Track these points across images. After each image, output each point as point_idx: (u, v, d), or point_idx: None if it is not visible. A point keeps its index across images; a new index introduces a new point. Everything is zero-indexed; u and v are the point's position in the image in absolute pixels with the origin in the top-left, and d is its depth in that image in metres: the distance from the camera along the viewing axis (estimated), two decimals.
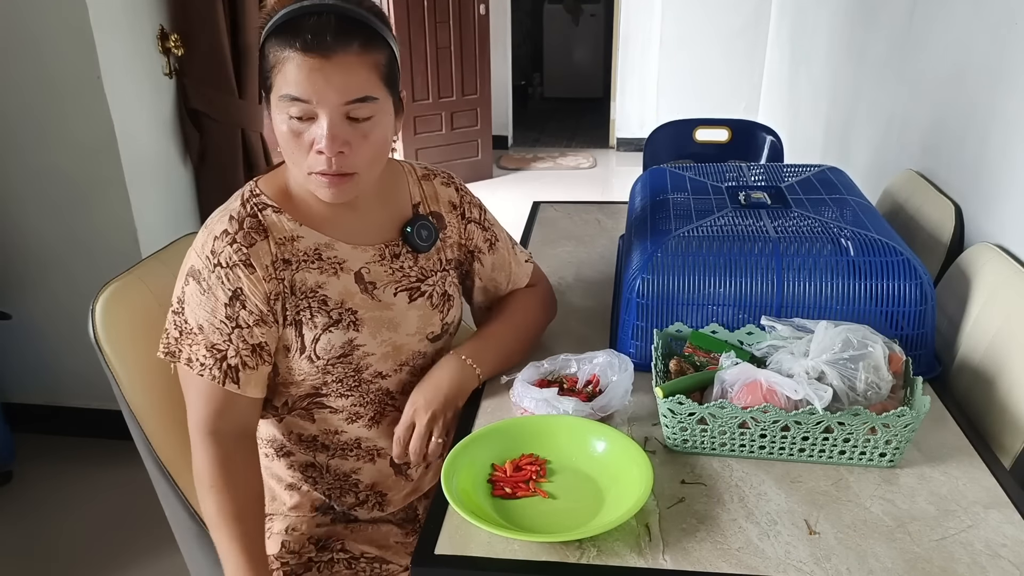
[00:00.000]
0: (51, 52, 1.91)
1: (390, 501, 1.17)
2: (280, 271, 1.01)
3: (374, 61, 0.93)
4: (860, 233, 1.15)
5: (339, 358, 1.05)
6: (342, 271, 1.05)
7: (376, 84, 0.94)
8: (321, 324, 1.03)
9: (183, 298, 1.00)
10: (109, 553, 1.90)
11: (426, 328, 1.12)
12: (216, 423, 1.00)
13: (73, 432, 2.32)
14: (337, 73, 0.91)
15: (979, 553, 0.83)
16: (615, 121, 5.77)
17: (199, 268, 0.98)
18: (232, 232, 0.99)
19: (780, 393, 0.95)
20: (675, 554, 0.84)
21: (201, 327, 0.98)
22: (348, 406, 1.10)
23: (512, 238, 1.27)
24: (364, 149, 0.96)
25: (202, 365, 0.98)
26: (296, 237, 1.02)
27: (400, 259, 1.10)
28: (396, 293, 1.09)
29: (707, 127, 2.57)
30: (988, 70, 1.46)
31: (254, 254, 0.99)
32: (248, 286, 0.98)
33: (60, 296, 2.17)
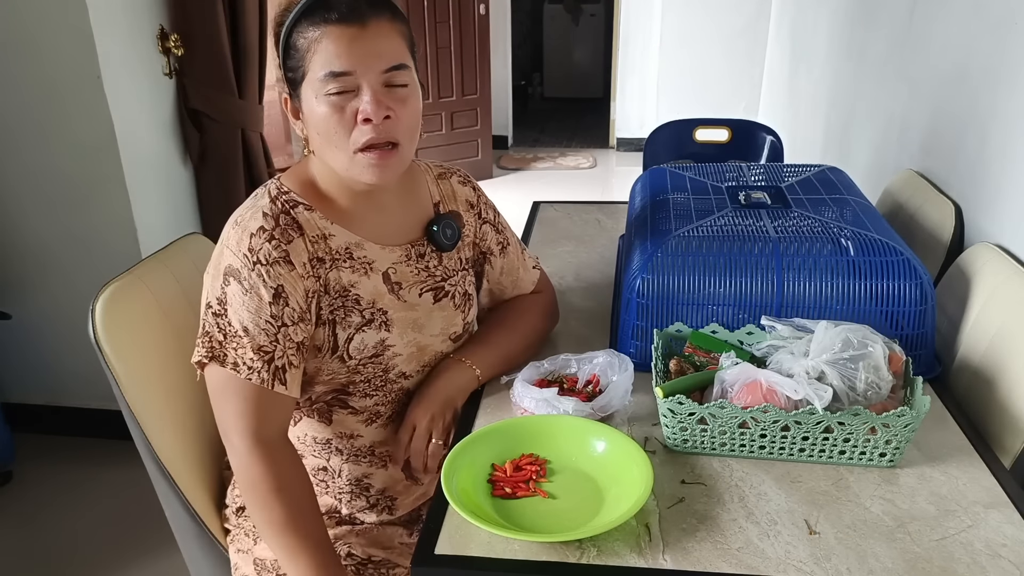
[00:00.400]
0: (51, 52, 1.91)
1: (399, 505, 1.17)
2: (316, 269, 1.00)
3: (402, 30, 0.97)
4: (860, 233, 1.15)
5: (371, 358, 1.05)
6: (371, 271, 1.05)
7: (407, 53, 0.97)
8: (355, 324, 1.03)
9: (224, 299, 0.96)
10: (109, 553, 1.90)
11: (449, 328, 1.13)
12: (264, 428, 0.98)
13: (73, 432, 2.32)
14: (375, 40, 0.93)
15: (979, 553, 0.83)
16: (615, 121, 5.77)
17: (238, 267, 0.96)
18: (269, 228, 0.97)
19: (780, 393, 0.95)
20: (675, 554, 0.84)
21: (246, 329, 0.95)
22: (370, 406, 1.09)
23: (521, 242, 1.28)
24: (404, 116, 0.97)
25: (250, 369, 0.95)
26: (328, 235, 1.02)
27: (425, 259, 1.10)
28: (422, 294, 1.09)
29: (707, 127, 2.57)
30: (988, 70, 1.46)
31: (293, 251, 0.98)
32: (289, 283, 0.97)
33: (60, 296, 2.17)
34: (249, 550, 1.14)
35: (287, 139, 3.45)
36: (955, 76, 1.63)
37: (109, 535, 1.96)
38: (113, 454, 2.06)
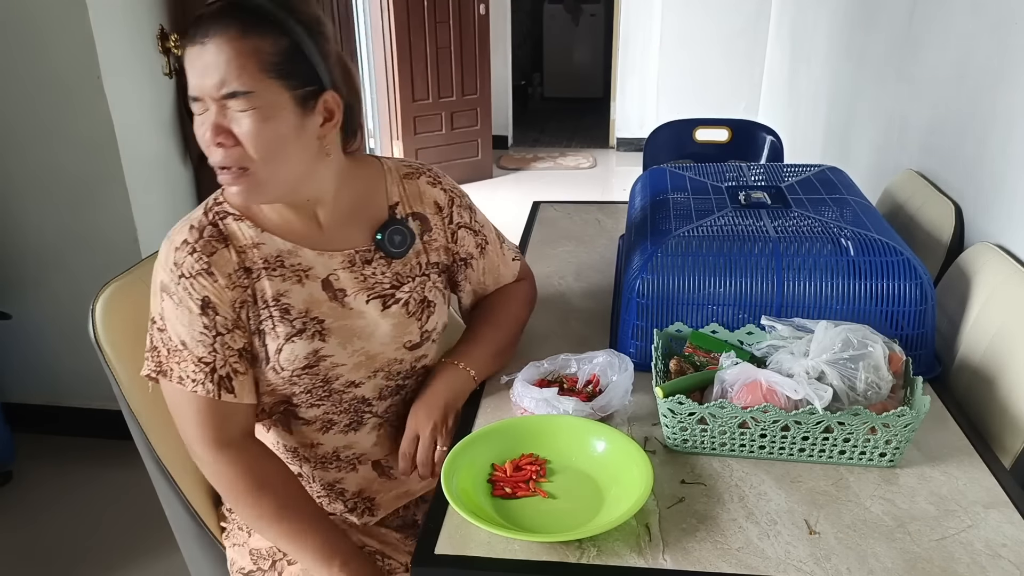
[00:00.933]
0: (51, 52, 1.91)
1: (379, 505, 1.16)
2: (242, 279, 0.98)
3: (254, 47, 0.88)
4: (860, 233, 1.15)
5: (304, 369, 1.02)
6: (307, 278, 1.02)
7: (254, 74, 0.88)
8: (283, 334, 1.00)
9: (163, 314, 0.97)
10: (109, 553, 1.90)
11: (402, 337, 1.08)
12: (223, 434, 0.99)
13: (73, 432, 2.32)
14: (209, 59, 0.87)
15: (979, 553, 0.83)
16: (615, 121, 5.77)
17: (167, 282, 0.96)
18: (192, 241, 0.97)
19: (780, 393, 0.95)
20: (675, 554, 0.84)
21: (184, 342, 0.96)
22: (320, 415, 1.08)
23: (500, 234, 1.24)
24: (250, 143, 0.90)
25: (194, 381, 0.96)
26: (257, 244, 1.00)
27: (372, 265, 1.06)
28: (368, 300, 1.05)
29: (707, 127, 2.57)
30: (988, 70, 1.46)
31: (215, 262, 0.97)
32: (214, 294, 0.96)
33: (60, 296, 2.17)
34: (244, 543, 1.14)
35: None
36: (955, 76, 1.63)
37: (109, 535, 1.96)
38: (113, 454, 2.06)
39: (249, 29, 0.88)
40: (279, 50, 0.89)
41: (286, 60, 0.90)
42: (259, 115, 0.89)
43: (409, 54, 4.51)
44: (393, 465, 1.15)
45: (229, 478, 1.00)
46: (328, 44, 0.95)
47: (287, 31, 0.90)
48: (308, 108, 0.94)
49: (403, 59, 4.48)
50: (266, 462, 1.03)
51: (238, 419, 1.01)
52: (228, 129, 0.90)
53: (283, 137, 0.92)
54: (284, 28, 0.90)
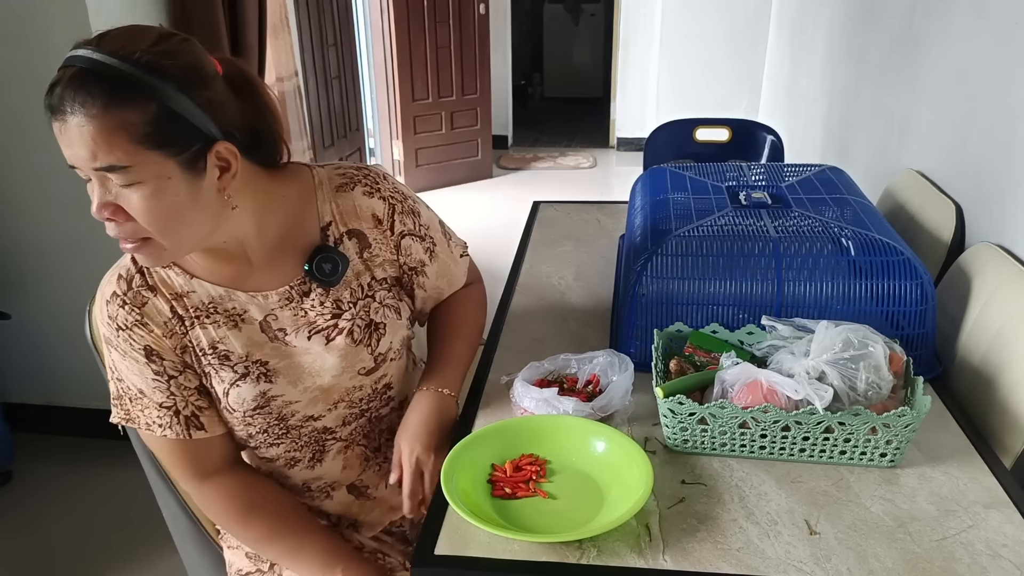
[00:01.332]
0: (51, 52, 1.91)
1: (364, 523, 1.15)
2: (177, 327, 0.95)
3: (119, 121, 0.77)
4: (861, 233, 1.15)
5: (256, 410, 0.99)
6: (244, 322, 0.97)
7: (125, 149, 0.78)
8: (228, 379, 0.97)
9: (114, 365, 0.96)
10: (108, 553, 1.90)
11: (354, 366, 1.03)
12: (205, 467, 0.99)
13: (73, 432, 2.31)
14: (73, 135, 0.78)
15: (980, 553, 0.82)
16: (615, 121, 5.77)
17: (108, 335, 0.95)
18: (121, 293, 0.93)
19: (781, 393, 0.94)
20: (675, 554, 0.83)
21: (141, 391, 0.95)
22: (282, 453, 1.06)
23: (446, 231, 1.14)
24: (143, 219, 0.82)
25: (160, 426, 0.96)
26: (187, 292, 0.95)
27: (310, 296, 0.99)
28: (310, 337, 0.99)
29: (707, 127, 2.57)
30: (988, 70, 1.46)
31: (147, 313, 0.93)
32: (154, 342, 0.94)
33: (60, 296, 2.17)
34: (239, 545, 1.14)
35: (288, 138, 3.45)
36: (955, 76, 1.62)
37: (108, 535, 1.96)
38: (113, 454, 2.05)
39: (111, 101, 0.77)
40: (149, 119, 0.79)
41: (160, 128, 0.79)
42: (145, 190, 0.81)
43: (409, 54, 4.51)
44: (370, 485, 1.13)
45: (218, 507, 1.00)
46: (207, 91, 0.84)
47: (154, 95, 0.79)
48: (198, 168, 0.84)
49: (403, 59, 4.48)
50: (254, 486, 1.03)
51: (215, 450, 1.01)
52: (116, 205, 0.82)
53: (177, 207, 0.83)
54: (150, 93, 0.79)
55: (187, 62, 0.83)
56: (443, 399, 1.07)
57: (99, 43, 0.81)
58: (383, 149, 4.79)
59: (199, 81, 0.83)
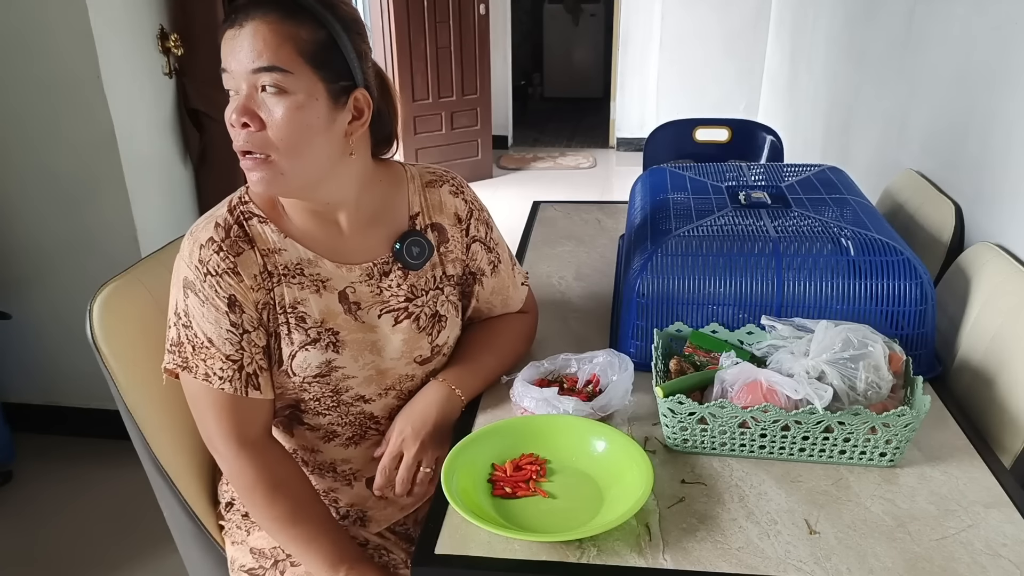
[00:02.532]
0: (51, 52, 1.91)
1: (372, 519, 1.15)
2: (266, 282, 0.98)
3: (292, 33, 0.88)
4: (860, 233, 1.15)
5: (316, 377, 1.02)
6: (325, 289, 1.01)
7: (290, 56, 0.88)
8: (298, 341, 1.00)
9: (188, 311, 0.97)
10: (109, 553, 1.90)
11: (412, 352, 1.07)
12: (247, 431, 0.99)
13: (73, 432, 2.32)
14: (247, 39, 0.88)
15: (979, 553, 0.82)
16: (615, 121, 5.77)
17: (192, 279, 0.96)
18: (219, 240, 0.96)
19: (780, 393, 0.95)
20: (675, 554, 0.83)
21: (211, 340, 0.96)
22: (325, 424, 1.08)
23: (512, 256, 1.21)
24: (277, 129, 0.89)
25: (220, 379, 0.96)
26: (279, 250, 0.99)
27: (389, 277, 1.05)
28: (380, 315, 1.04)
29: (707, 127, 2.57)
30: (988, 70, 1.46)
31: (242, 263, 0.96)
32: (240, 293, 0.96)
33: (59, 296, 2.17)
34: (244, 541, 1.14)
35: None
36: (955, 76, 1.63)
37: (109, 535, 1.96)
38: (112, 454, 2.05)
39: (288, 16, 0.88)
40: (316, 40, 0.90)
41: (322, 50, 0.90)
42: (291, 101, 0.89)
43: (409, 54, 4.51)
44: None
45: (249, 477, 0.99)
46: (364, 44, 0.96)
47: (325, 23, 0.90)
48: (339, 103, 0.93)
49: (403, 59, 4.48)
50: (284, 463, 1.03)
51: (259, 416, 1.01)
52: (256, 112, 0.89)
53: (311, 128, 0.91)
54: (322, 20, 0.90)
55: (354, 13, 0.96)
56: (451, 396, 1.08)
57: None
58: None
59: (359, 31, 0.95)
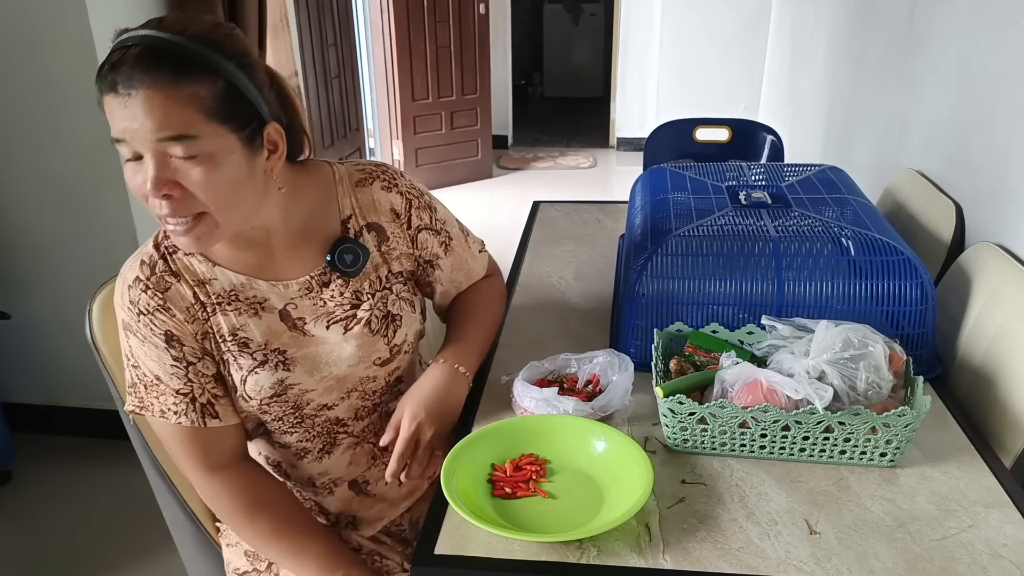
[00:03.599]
0: (51, 52, 1.91)
1: (363, 521, 1.15)
2: (199, 312, 0.97)
3: (190, 94, 0.81)
4: (861, 233, 1.15)
5: (272, 398, 1.00)
6: (264, 310, 0.99)
7: (194, 119, 0.82)
8: (246, 366, 0.98)
9: (132, 351, 0.96)
10: (109, 553, 1.90)
11: (370, 356, 1.05)
12: (215, 459, 0.99)
13: (73, 432, 2.32)
14: (140, 109, 0.80)
15: (980, 553, 0.82)
16: (615, 121, 5.77)
17: (128, 320, 0.95)
18: (144, 278, 0.95)
19: (781, 393, 0.94)
20: (675, 554, 0.83)
21: (158, 377, 0.95)
22: (295, 442, 1.07)
23: (463, 227, 1.18)
24: (202, 193, 0.84)
25: (175, 413, 0.96)
26: (209, 280, 0.97)
27: (330, 287, 1.02)
28: (328, 326, 1.02)
29: (707, 127, 2.57)
30: (988, 70, 1.46)
31: (170, 298, 0.95)
32: (175, 327, 0.95)
33: (59, 296, 2.17)
34: (237, 543, 1.14)
35: None
36: (955, 76, 1.62)
37: (108, 535, 1.96)
38: (112, 454, 2.05)
39: (180, 75, 0.81)
40: (216, 93, 0.83)
41: (225, 103, 0.84)
42: (208, 162, 0.83)
43: (409, 54, 4.51)
44: (371, 481, 1.14)
45: (224, 501, 1.00)
46: (259, 74, 0.89)
47: (220, 71, 0.83)
48: (254, 146, 0.88)
49: (403, 59, 4.48)
50: (261, 482, 1.03)
51: (227, 441, 1.01)
52: (173, 180, 0.84)
53: (235, 182, 0.87)
54: (216, 69, 0.83)
55: (242, 46, 0.88)
56: (456, 375, 1.07)
57: (160, 25, 0.85)
58: (383, 149, 4.79)
59: (252, 64, 0.88)
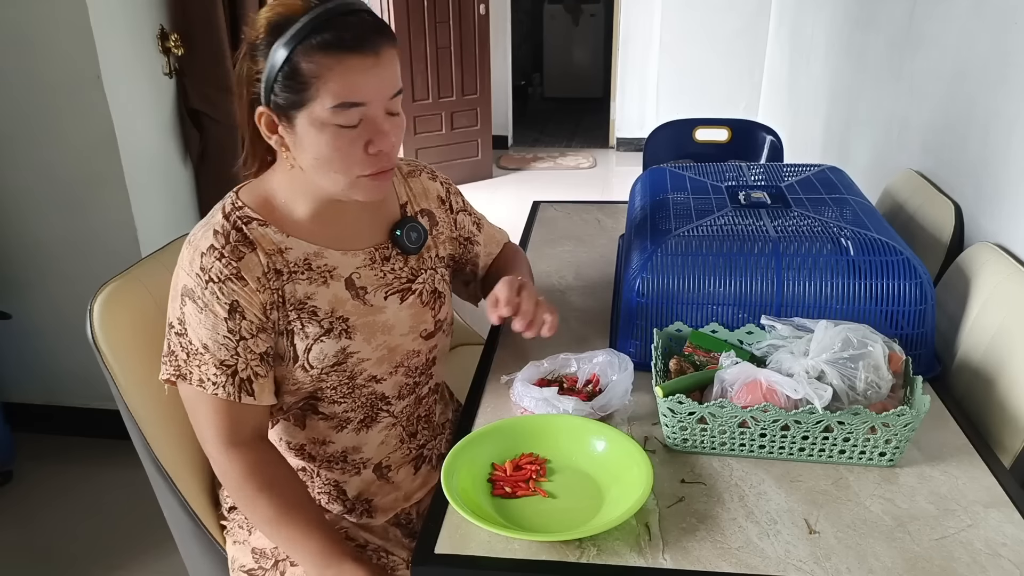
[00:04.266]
0: (51, 52, 1.91)
1: (377, 507, 1.16)
2: (272, 282, 0.99)
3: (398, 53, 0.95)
4: (860, 233, 1.15)
5: (333, 366, 1.04)
6: (332, 279, 1.04)
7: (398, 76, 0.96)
8: (313, 334, 1.02)
9: (183, 319, 0.97)
10: (109, 553, 1.90)
11: (419, 326, 1.12)
12: (238, 434, 1.00)
13: (73, 432, 2.32)
14: (385, 69, 0.92)
15: (979, 552, 0.83)
16: (615, 121, 5.77)
17: (192, 287, 0.96)
18: (219, 247, 0.97)
19: (780, 392, 0.95)
20: (675, 553, 0.84)
21: (206, 346, 0.97)
22: (340, 412, 1.09)
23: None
24: (399, 140, 0.97)
25: (214, 384, 0.97)
26: (284, 249, 1.01)
27: (391, 261, 1.10)
28: (387, 296, 1.08)
29: (707, 127, 2.57)
30: (988, 70, 1.46)
31: (244, 267, 0.97)
32: (244, 298, 0.97)
33: (59, 296, 2.17)
34: (246, 540, 1.14)
35: None
36: (955, 76, 1.63)
37: (109, 535, 1.96)
38: (113, 454, 2.05)
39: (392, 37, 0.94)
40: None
41: None
42: (400, 115, 0.96)
43: (409, 54, 4.51)
44: (392, 466, 1.16)
45: (237, 477, 1.01)
46: None
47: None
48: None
49: (403, 59, 4.45)
50: (274, 465, 1.04)
51: (253, 420, 1.02)
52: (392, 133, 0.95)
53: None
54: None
55: None
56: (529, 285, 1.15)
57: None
58: None
59: None
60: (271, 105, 0.92)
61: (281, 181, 1.02)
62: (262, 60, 0.91)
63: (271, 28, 0.90)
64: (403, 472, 1.17)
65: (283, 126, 0.94)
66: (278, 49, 0.89)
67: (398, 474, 1.17)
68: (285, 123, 0.93)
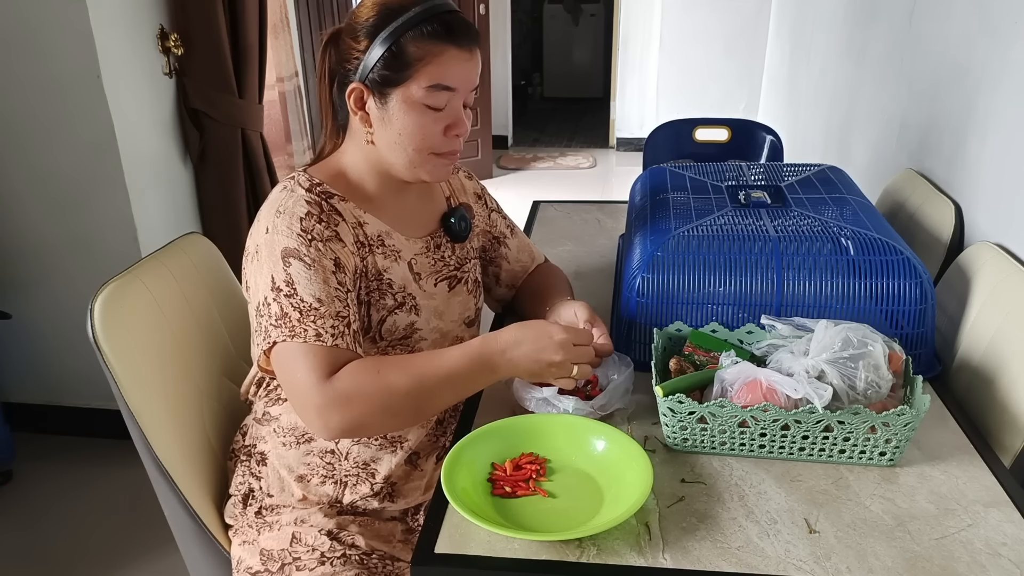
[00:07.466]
0: (51, 52, 1.91)
1: (400, 493, 1.16)
2: (361, 250, 1.06)
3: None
4: (860, 232, 1.15)
5: (400, 340, 1.10)
6: (399, 259, 1.11)
7: None
8: (388, 306, 1.08)
9: (290, 279, 0.98)
10: (109, 553, 1.90)
11: (464, 313, 1.20)
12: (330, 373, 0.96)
13: (73, 431, 2.32)
14: (476, 65, 1.05)
15: (979, 552, 0.83)
16: (615, 121, 5.78)
17: (296, 247, 0.99)
18: (316, 212, 1.02)
19: (780, 392, 0.95)
20: (675, 553, 0.84)
21: (320, 300, 0.97)
22: None
23: None
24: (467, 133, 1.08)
25: (334, 336, 0.97)
26: (364, 223, 1.08)
27: (441, 249, 1.18)
28: (437, 283, 1.15)
29: (707, 127, 2.57)
30: (988, 70, 1.46)
31: (340, 231, 1.04)
32: (344, 257, 1.03)
33: (60, 295, 2.17)
34: (255, 541, 1.13)
35: (287, 138, 3.45)
36: (955, 76, 1.63)
37: (109, 535, 1.96)
38: (113, 454, 2.06)
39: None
40: None
41: None
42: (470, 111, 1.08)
43: None
44: (421, 454, 1.16)
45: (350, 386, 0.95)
46: None
47: None
48: None
49: None
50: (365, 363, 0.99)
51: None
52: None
53: None
54: None
55: None
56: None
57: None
58: None
59: None
60: (366, 81, 1.02)
61: (354, 158, 1.10)
62: (365, 40, 1.01)
63: (385, 13, 1.01)
64: (429, 462, 1.18)
65: (374, 101, 1.03)
66: (388, 31, 1.00)
67: (426, 462, 1.18)
68: (378, 98, 1.03)
